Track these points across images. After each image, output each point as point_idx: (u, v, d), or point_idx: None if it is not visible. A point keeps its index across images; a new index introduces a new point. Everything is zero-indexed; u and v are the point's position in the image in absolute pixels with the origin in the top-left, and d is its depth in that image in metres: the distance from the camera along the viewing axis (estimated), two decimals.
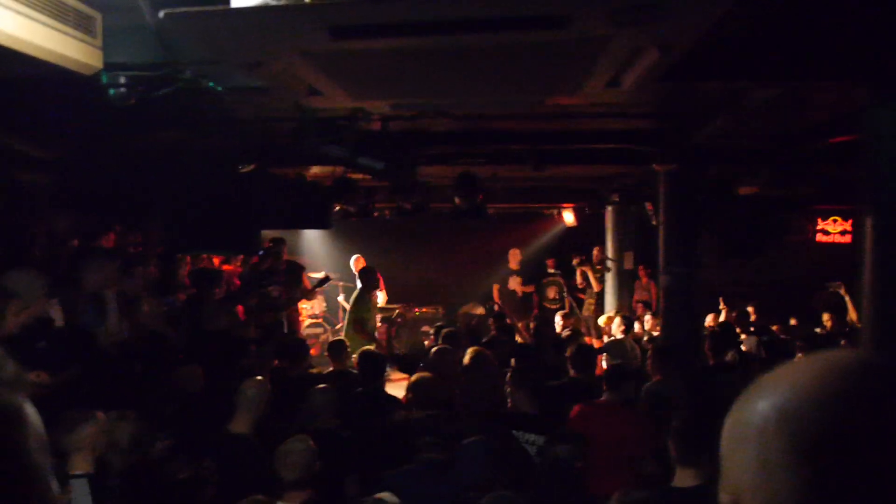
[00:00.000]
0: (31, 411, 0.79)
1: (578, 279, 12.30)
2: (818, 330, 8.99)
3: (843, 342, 7.90)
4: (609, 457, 4.25)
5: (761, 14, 3.82)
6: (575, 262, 12.20)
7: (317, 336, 11.35)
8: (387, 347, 8.42)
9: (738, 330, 8.50)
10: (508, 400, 5.22)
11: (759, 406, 0.81)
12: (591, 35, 2.83)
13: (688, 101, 5.95)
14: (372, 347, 7.38)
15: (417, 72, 3.60)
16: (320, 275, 11.32)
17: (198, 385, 5.45)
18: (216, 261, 10.10)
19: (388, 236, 12.82)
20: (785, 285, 12.09)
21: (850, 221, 12.16)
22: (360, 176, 7.81)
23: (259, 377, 4.82)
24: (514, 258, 12.23)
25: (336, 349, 6.66)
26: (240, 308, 7.82)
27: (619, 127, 6.91)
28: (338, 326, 12.57)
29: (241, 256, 9.25)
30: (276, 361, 6.70)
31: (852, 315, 9.01)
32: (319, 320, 12.16)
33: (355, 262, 11.09)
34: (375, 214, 10.12)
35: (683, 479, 3.31)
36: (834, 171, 9.20)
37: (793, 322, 8.79)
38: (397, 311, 10.65)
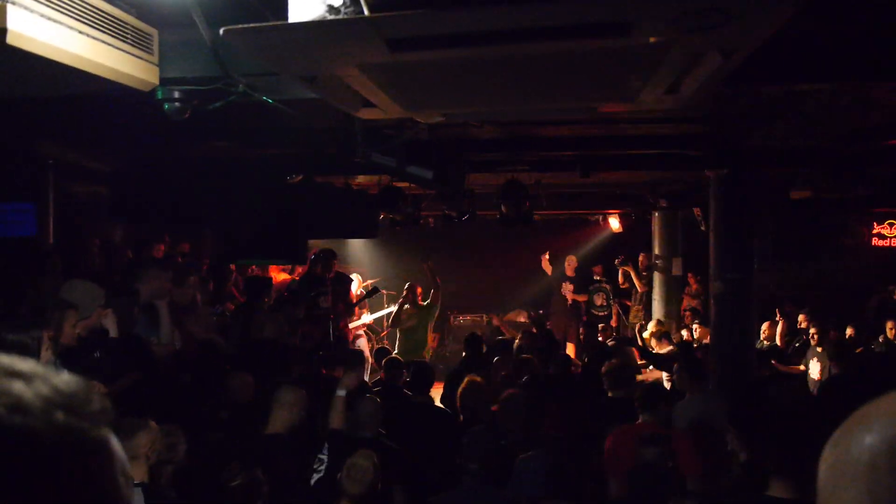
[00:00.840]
0: (116, 444, 0.78)
1: (620, 279, 12.19)
2: (880, 339, 8.72)
3: None
4: None
5: (821, 15, 3.72)
6: (617, 261, 12.09)
7: (360, 347, 11.37)
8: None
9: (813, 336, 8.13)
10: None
11: (867, 440, 0.76)
12: (653, 42, 2.77)
13: (742, 105, 5.82)
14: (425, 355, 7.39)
15: (473, 82, 3.57)
16: (369, 284, 11.39)
17: (248, 394, 5.48)
18: (274, 270, 10.24)
19: (435, 244, 12.83)
20: (840, 290, 11.78)
21: None
22: (405, 184, 7.81)
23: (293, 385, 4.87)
24: (570, 265, 12.10)
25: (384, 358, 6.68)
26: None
27: (669, 131, 6.80)
28: (382, 335, 12.61)
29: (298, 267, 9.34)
30: (324, 370, 6.74)
31: None
32: (363, 329, 12.20)
33: None
34: (421, 222, 10.12)
35: (778, 489, 3.20)
36: (890, 173, 8.96)
37: (850, 332, 8.54)
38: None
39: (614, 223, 12.54)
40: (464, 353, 7.83)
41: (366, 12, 2.60)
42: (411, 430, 5.13)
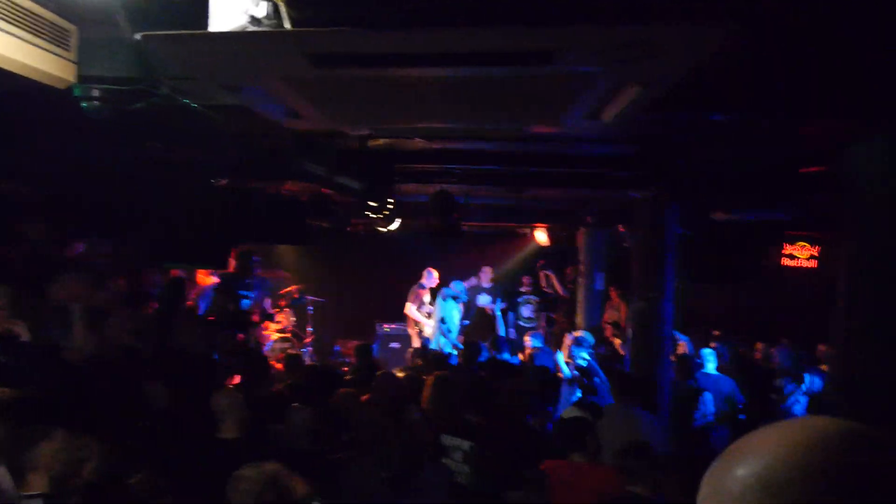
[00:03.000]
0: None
1: (543, 282, 12.40)
2: None
3: None
4: None
5: (747, 51, 3.85)
6: (538, 265, 12.32)
7: (284, 350, 11.21)
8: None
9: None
10: None
11: (739, 473, 0.80)
12: (575, 71, 2.83)
13: (666, 129, 5.99)
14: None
15: (398, 99, 3.57)
16: (293, 290, 11.26)
17: (166, 401, 5.34)
18: (201, 274, 10.02)
19: (364, 252, 12.79)
20: (753, 311, 12.26)
21: (816, 248, 12.33)
22: (335, 192, 7.76)
23: (229, 387, 4.80)
24: (486, 276, 12.29)
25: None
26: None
27: (599, 152, 6.94)
28: (306, 341, 12.47)
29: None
30: (238, 378, 6.62)
31: None
32: (288, 335, 12.04)
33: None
34: (349, 230, 10.07)
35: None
36: (804, 199, 9.35)
37: (759, 346, 8.88)
38: None
39: (541, 237, 12.73)
40: (354, 364, 7.89)
41: (288, 26, 2.57)
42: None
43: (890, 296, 4.04)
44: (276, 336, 11.76)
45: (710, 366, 8.08)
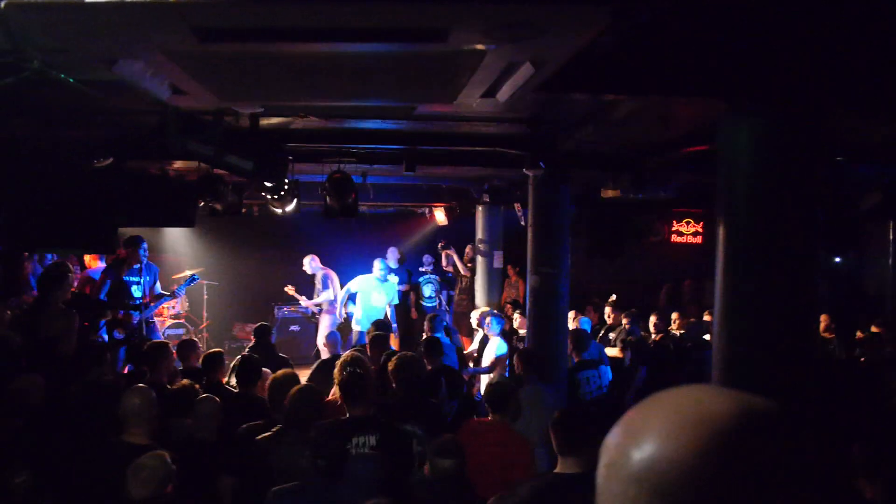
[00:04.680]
0: None
1: (444, 262, 12.51)
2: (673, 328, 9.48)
3: None
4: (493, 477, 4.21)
5: (630, 32, 3.95)
6: (440, 245, 12.40)
7: (178, 337, 10.85)
8: None
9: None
10: None
11: (636, 456, 0.81)
12: (467, 49, 2.82)
13: (558, 110, 6.11)
14: None
15: (289, 76, 3.47)
16: (186, 274, 10.88)
17: (40, 397, 5.02)
18: (94, 260, 9.55)
19: (260, 234, 12.49)
20: (644, 284, 12.79)
21: (701, 224, 12.94)
22: (226, 172, 7.51)
23: (141, 385, 4.46)
24: (393, 257, 12.21)
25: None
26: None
27: (492, 131, 7.01)
28: (201, 326, 12.11)
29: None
30: (129, 367, 6.35)
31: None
32: (182, 320, 11.66)
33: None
34: (244, 211, 9.77)
35: (565, 467, 3.47)
36: (688, 178, 9.78)
37: (653, 320, 9.24)
38: None
39: (440, 216, 12.79)
40: (252, 344, 7.76)
41: None
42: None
43: (757, 270, 4.27)
44: (169, 322, 11.37)
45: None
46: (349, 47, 2.90)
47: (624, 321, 9.12)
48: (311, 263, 11.14)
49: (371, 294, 10.36)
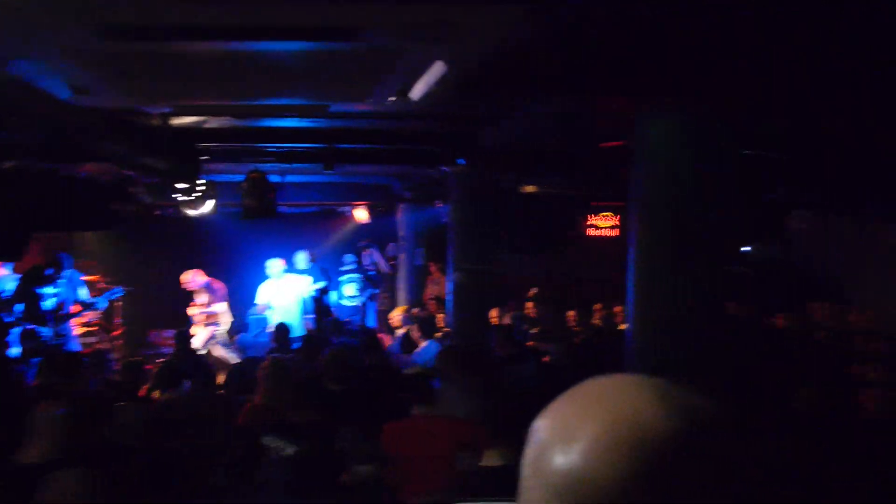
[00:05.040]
0: None
1: (365, 260, 12.47)
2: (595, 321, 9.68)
3: None
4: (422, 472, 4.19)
5: (546, 33, 4.01)
6: (361, 244, 12.35)
7: (91, 346, 10.44)
8: None
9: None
10: None
11: (559, 461, 0.76)
12: (380, 47, 2.81)
13: (478, 106, 6.14)
14: None
15: (199, 74, 3.39)
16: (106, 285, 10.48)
17: None
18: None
19: (176, 237, 12.11)
20: (565, 278, 13.01)
21: (618, 217, 13.24)
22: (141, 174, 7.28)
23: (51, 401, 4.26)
24: (302, 259, 12.15)
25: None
26: None
27: (412, 128, 7.00)
28: (115, 333, 11.68)
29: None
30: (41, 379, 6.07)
31: None
32: (94, 328, 11.20)
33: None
34: (157, 213, 9.49)
35: (489, 459, 3.50)
36: (604, 173, 10.00)
37: (571, 314, 9.43)
38: None
39: (361, 214, 12.71)
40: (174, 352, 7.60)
41: None
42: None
43: (667, 266, 4.41)
44: (81, 330, 10.91)
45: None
46: (259, 46, 2.85)
47: (507, 320, 9.17)
48: (195, 278, 10.44)
49: (274, 297, 10.31)
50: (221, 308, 10.43)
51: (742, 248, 13.27)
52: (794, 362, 7.09)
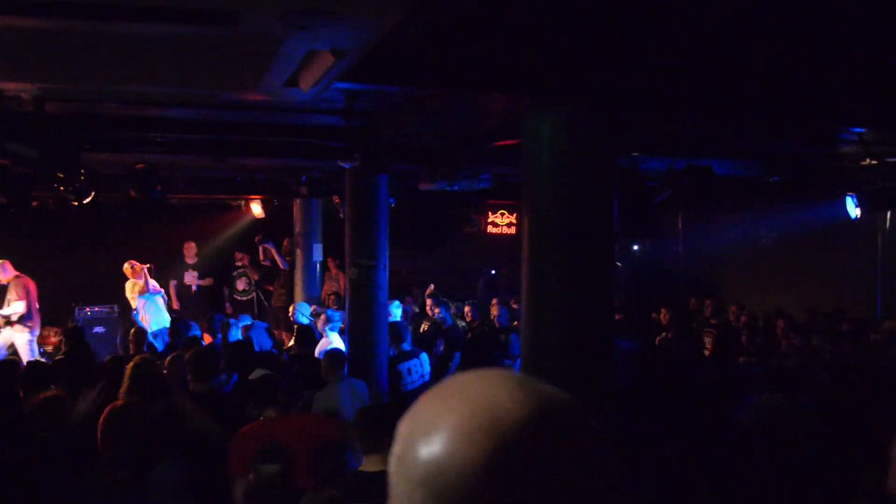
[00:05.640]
0: None
1: (261, 256, 12.26)
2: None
3: None
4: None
5: (434, 26, 4.02)
6: (256, 239, 12.15)
7: None
8: None
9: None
10: None
11: (423, 453, 0.77)
12: (261, 35, 2.73)
13: (373, 101, 6.10)
14: None
15: (69, 55, 3.21)
16: None
17: None
18: None
19: (57, 229, 11.49)
20: (462, 273, 13.16)
21: (514, 215, 13.49)
22: (9, 162, 6.82)
23: None
24: (190, 252, 11.82)
25: None
26: None
27: (307, 122, 6.89)
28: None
29: None
30: None
31: None
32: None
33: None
34: (35, 204, 8.97)
35: (369, 464, 3.50)
36: (501, 170, 10.14)
37: (467, 310, 9.52)
38: None
39: (256, 209, 12.45)
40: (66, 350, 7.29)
41: None
42: None
43: (558, 257, 4.51)
44: None
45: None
46: (131, 27, 2.72)
47: (435, 310, 9.28)
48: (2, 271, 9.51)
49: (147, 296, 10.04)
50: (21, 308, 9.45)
51: (633, 247, 13.82)
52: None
